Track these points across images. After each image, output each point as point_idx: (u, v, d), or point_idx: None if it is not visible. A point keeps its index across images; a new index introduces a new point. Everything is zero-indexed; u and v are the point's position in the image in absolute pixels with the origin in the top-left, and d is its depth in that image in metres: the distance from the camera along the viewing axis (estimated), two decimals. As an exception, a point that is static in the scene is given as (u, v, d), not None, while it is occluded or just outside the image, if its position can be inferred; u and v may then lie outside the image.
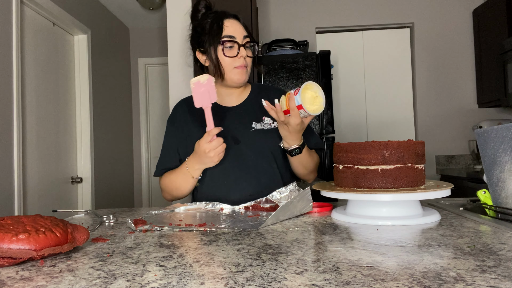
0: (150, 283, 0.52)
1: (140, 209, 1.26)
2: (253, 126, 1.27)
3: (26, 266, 0.62)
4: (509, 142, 0.90)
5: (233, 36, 1.22)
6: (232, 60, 1.23)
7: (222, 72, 1.24)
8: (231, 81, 1.26)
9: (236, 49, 1.22)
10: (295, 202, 0.97)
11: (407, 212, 0.90)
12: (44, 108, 2.66)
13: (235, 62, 1.23)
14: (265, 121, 1.28)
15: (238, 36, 1.23)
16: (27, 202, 2.43)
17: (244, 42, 1.23)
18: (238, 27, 1.24)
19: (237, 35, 1.23)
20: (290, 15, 3.65)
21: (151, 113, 4.47)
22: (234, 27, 1.23)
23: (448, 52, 3.57)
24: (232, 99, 1.33)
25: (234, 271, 0.56)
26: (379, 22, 3.62)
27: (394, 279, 0.51)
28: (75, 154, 3.12)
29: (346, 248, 0.67)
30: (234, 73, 1.24)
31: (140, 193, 4.43)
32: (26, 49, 2.48)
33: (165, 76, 4.34)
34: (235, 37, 1.22)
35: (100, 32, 3.52)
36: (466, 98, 3.55)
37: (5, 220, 0.66)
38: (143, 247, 0.72)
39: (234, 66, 1.23)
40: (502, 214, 0.93)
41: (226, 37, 1.22)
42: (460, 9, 3.57)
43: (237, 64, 1.23)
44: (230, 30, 1.23)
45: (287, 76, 2.73)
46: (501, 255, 0.60)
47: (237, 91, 1.32)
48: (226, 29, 1.23)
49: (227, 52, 1.22)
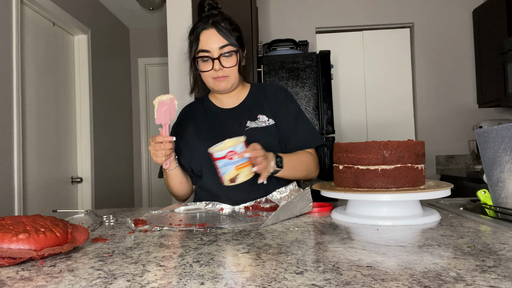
0: (150, 283, 0.52)
1: (140, 209, 1.26)
2: (248, 125, 1.28)
3: (26, 266, 0.62)
4: (509, 142, 0.90)
5: (207, 50, 1.21)
6: (209, 73, 1.24)
7: (205, 83, 1.27)
8: (214, 91, 1.29)
9: (210, 63, 1.22)
10: (295, 202, 0.97)
11: (407, 212, 0.90)
12: (44, 108, 2.66)
13: (212, 74, 1.23)
14: (260, 119, 1.28)
15: (213, 48, 1.21)
16: (27, 202, 2.43)
17: (219, 53, 1.21)
18: (213, 38, 1.21)
19: (212, 47, 1.21)
20: (290, 15, 3.65)
21: (151, 113, 4.47)
22: (209, 39, 1.21)
23: (448, 52, 3.57)
24: (231, 101, 1.34)
25: (234, 271, 0.56)
26: (379, 22, 3.62)
27: (394, 279, 0.51)
28: (75, 154, 3.12)
29: (346, 248, 0.67)
30: (213, 83, 1.25)
31: (140, 193, 4.43)
32: (26, 49, 2.48)
33: (165, 76, 4.34)
34: (209, 51, 1.21)
35: (100, 32, 3.52)
36: (466, 98, 3.55)
37: (5, 220, 0.66)
38: (143, 247, 0.72)
39: (212, 77, 1.24)
40: (502, 214, 0.93)
41: (200, 52, 1.22)
42: (460, 9, 3.57)
43: (214, 75, 1.23)
44: (204, 44, 1.22)
45: (287, 76, 2.73)
46: (501, 255, 0.60)
47: (234, 93, 1.34)
48: (201, 43, 1.22)
49: (202, 66, 1.23)
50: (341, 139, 3.56)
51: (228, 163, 1.01)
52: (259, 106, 1.31)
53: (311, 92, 2.73)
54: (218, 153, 1.01)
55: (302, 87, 2.73)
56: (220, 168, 1.02)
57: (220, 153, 1.01)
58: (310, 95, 2.72)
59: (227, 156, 1.00)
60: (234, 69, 1.24)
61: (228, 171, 1.01)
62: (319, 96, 2.73)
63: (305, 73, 2.73)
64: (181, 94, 2.43)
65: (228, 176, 1.02)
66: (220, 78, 1.23)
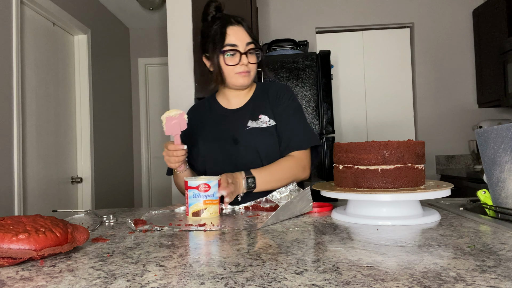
0: (150, 283, 0.52)
1: (140, 209, 1.26)
2: (249, 124, 1.29)
3: (26, 266, 0.62)
4: (509, 142, 0.90)
5: (235, 45, 1.24)
6: (233, 67, 1.26)
7: (224, 79, 1.28)
8: (233, 85, 1.30)
9: (237, 56, 1.25)
10: (295, 202, 0.97)
11: (407, 212, 0.90)
12: (44, 108, 2.66)
13: (236, 69, 1.26)
14: (261, 119, 1.30)
15: (241, 44, 1.25)
16: (27, 202, 2.43)
17: (246, 49, 1.25)
18: (241, 34, 1.26)
19: (240, 42, 1.25)
20: (290, 15, 3.65)
21: (151, 113, 4.47)
22: (237, 34, 1.25)
23: (448, 52, 3.57)
24: (238, 101, 1.36)
25: (234, 271, 0.56)
26: (379, 22, 3.62)
27: (394, 279, 0.51)
28: (75, 154, 3.12)
29: (346, 248, 0.67)
30: (236, 77, 1.27)
31: (140, 193, 4.43)
32: (26, 49, 2.48)
33: (165, 76, 4.34)
34: (237, 45, 1.24)
35: (100, 32, 3.52)
36: (466, 98, 3.55)
37: (5, 220, 0.66)
38: (143, 247, 0.72)
39: (236, 72, 1.26)
40: (502, 214, 0.93)
41: (228, 46, 1.24)
42: (460, 9, 3.57)
43: (239, 70, 1.26)
44: (232, 39, 1.25)
45: (287, 76, 2.73)
46: (501, 255, 0.60)
47: (242, 93, 1.36)
48: (228, 37, 1.25)
49: (228, 60, 1.25)
50: (341, 139, 3.56)
51: (198, 195, 1.01)
52: (261, 106, 1.33)
53: (311, 92, 2.73)
54: (192, 182, 1.02)
55: (302, 87, 2.73)
56: (189, 198, 1.02)
57: (194, 182, 1.01)
58: (310, 95, 2.72)
59: (200, 188, 1.01)
60: (255, 66, 1.29)
61: (196, 203, 1.01)
62: (319, 96, 2.73)
63: (305, 73, 2.73)
64: (181, 94, 2.43)
65: (194, 208, 1.01)
66: (244, 73, 1.26)
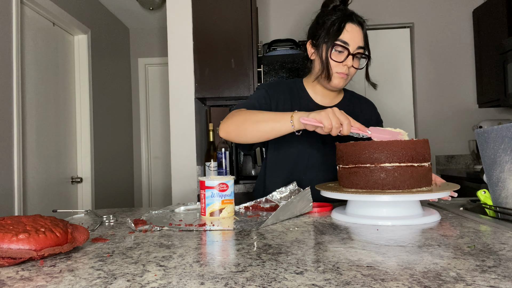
0: (150, 283, 0.52)
1: (140, 209, 1.26)
2: None
3: (26, 266, 0.62)
4: (509, 142, 0.90)
5: (347, 43, 1.20)
6: (336, 65, 1.22)
7: (330, 72, 1.22)
8: (327, 84, 1.27)
9: (344, 55, 1.20)
10: (295, 202, 0.97)
11: (407, 212, 0.90)
12: (44, 108, 2.66)
13: (338, 68, 1.22)
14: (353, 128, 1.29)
15: (353, 44, 1.20)
16: (27, 202, 2.43)
17: (355, 52, 1.21)
18: (357, 35, 1.21)
19: (352, 42, 1.20)
20: (290, 15, 3.65)
21: (151, 113, 4.47)
22: (353, 33, 1.20)
23: (448, 52, 3.57)
24: (326, 100, 1.35)
25: (234, 271, 0.56)
26: (379, 22, 3.62)
27: (394, 279, 0.51)
28: (75, 154, 3.12)
29: (346, 248, 0.67)
30: (334, 77, 1.24)
31: (140, 193, 4.43)
32: (26, 49, 2.48)
33: (165, 76, 4.34)
34: (348, 44, 1.20)
35: (100, 32, 3.52)
36: (466, 98, 3.55)
37: (5, 220, 0.66)
38: (143, 247, 0.72)
39: (336, 71, 1.22)
40: (502, 214, 0.93)
41: (340, 41, 1.20)
42: (460, 9, 3.57)
43: (339, 70, 1.22)
44: (347, 36, 1.20)
45: (287, 76, 2.73)
46: (501, 255, 0.60)
47: (332, 94, 1.34)
48: (344, 33, 1.20)
49: (335, 55, 1.21)
50: (341, 139, 3.56)
51: (216, 195, 1.01)
52: (354, 115, 1.30)
53: (311, 92, 2.72)
54: (210, 182, 1.01)
55: (302, 87, 2.72)
56: (207, 198, 1.01)
57: (212, 182, 1.01)
58: (310, 95, 2.72)
59: (218, 187, 1.01)
60: (355, 72, 1.25)
61: (214, 203, 1.01)
62: (319, 96, 2.72)
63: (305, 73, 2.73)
64: (181, 94, 2.43)
65: (212, 208, 1.01)
66: (343, 75, 1.23)
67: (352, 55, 1.20)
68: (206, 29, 2.44)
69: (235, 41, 2.44)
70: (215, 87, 2.44)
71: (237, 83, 2.44)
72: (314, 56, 1.29)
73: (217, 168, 2.50)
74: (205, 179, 1.02)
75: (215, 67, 2.44)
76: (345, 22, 1.20)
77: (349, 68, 1.22)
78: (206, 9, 2.45)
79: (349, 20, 1.21)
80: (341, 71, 1.22)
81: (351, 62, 1.20)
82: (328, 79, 1.24)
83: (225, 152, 2.49)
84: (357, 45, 1.20)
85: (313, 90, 1.34)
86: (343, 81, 1.24)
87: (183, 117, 2.42)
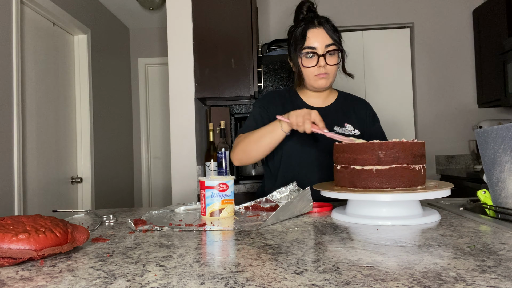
0: (150, 283, 0.52)
1: (140, 209, 1.26)
2: (335, 129, 1.34)
3: (26, 266, 0.62)
4: (509, 142, 0.90)
5: (314, 47, 1.27)
6: (311, 69, 1.29)
7: (303, 80, 1.32)
8: (312, 87, 1.34)
9: (315, 59, 1.28)
10: (295, 202, 0.97)
11: (407, 212, 0.90)
12: (44, 108, 2.66)
13: (315, 71, 1.29)
14: (346, 127, 1.36)
15: (320, 46, 1.27)
16: (27, 202, 2.43)
17: (325, 51, 1.27)
18: (321, 36, 1.27)
19: (319, 45, 1.27)
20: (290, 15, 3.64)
21: (151, 113, 4.47)
22: (317, 37, 1.27)
23: (448, 52, 3.57)
24: (318, 101, 1.40)
25: (234, 271, 0.56)
26: (379, 22, 3.62)
27: (394, 279, 0.51)
28: (75, 154, 3.12)
29: (346, 248, 0.67)
30: (315, 79, 1.31)
31: (140, 193, 4.43)
32: (26, 49, 2.48)
33: (165, 76, 4.34)
34: (315, 48, 1.27)
35: (100, 32, 3.52)
36: (466, 98, 3.55)
37: (5, 220, 0.66)
38: (143, 247, 0.72)
39: (315, 74, 1.29)
40: (502, 214, 0.93)
41: (306, 48, 1.28)
42: (460, 9, 3.57)
43: (317, 72, 1.29)
44: (312, 41, 1.27)
45: (287, 76, 2.73)
46: (501, 255, 0.60)
47: (323, 95, 1.40)
48: (308, 40, 1.28)
49: (306, 62, 1.29)
50: (341, 139, 3.56)
51: (216, 195, 1.01)
52: (347, 115, 1.38)
53: (311, 92, 2.73)
54: (210, 182, 1.01)
55: (302, 87, 2.72)
56: (207, 198, 1.01)
57: (212, 182, 1.01)
58: (310, 95, 2.72)
59: (218, 187, 1.01)
60: (335, 67, 1.31)
61: (214, 203, 1.01)
62: (319, 96, 2.72)
63: (305, 73, 2.73)
64: (181, 94, 2.43)
65: (212, 208, 1.01)
66: (322, 75, 1.29)
67: (323, 55, 1.27)
68: (206, 29, 2.44)
69: (235, 41, 2.44)
70: (215, 87, 2.43)
71: (237, 83, 2.44)
72: (294, 69, 1.36)
73: (217, 168, 2.50)
74: (205, 179, 1.02)
75: (215, 67, 2.43)
76: (306, 29, 1.28)
77: (324, 67, 1.28)
78: (206, 9, 2.45)
79: (310, 26, 1.29)
80: (319, 73, 1.29)
81: (324, 62, 1.27)
82: (304, 84, 1.33)
83: (225, 152, 2.49)
84: (324, 44, 1.27)
85: (305, 94, 1.42)
86: (325, 81, 1.31)
87: (183, 117, 2.42)
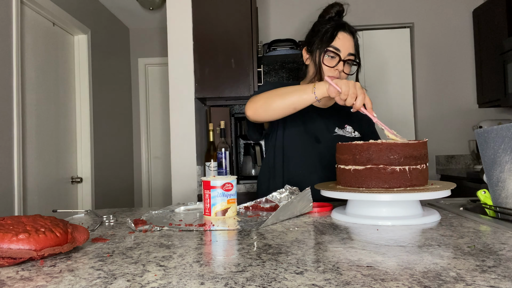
0: (150, 283, 0.52)
1: (140, 209, 1.26)
2: (336, 131, 1.37)
3: (26, 266, 0.62)
4: (509, 142, 0.90)
5: (339, 49, 1.29)
6: (328, 69, 1.31)
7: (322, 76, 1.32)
8: None
9: (336, 61, 1.30)
10: (295, 202, 0.97)
11: (407, 212, 0.90)
12: (44, 108, 2.66)
13: (329, 72, 1.31)
14: (346, 129, 1.39)
15: (344, 51, 1.29)
16: (27, 202, 2.43)
17: (346, 58, 1.30)
18: (348, 42, 1.30)
19: (344, 49, 1.29)
20: (290, 15, 3.65)
21: (151, 113, 4.47)
22: (344, 41, 1.30)
23: (448, 52, 3.57)
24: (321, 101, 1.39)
25: (234, 271, 0.56)
26: (379, 22, 3.62)
27: (394, 279, 0.51)
28: (75, 154, 3.12)
29: (346, 248, 0.67)
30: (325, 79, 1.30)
31: (140, 193, 4.43)
32: (26, 49, 2.48)
33: (165, 76, 4.34)
34: (340, 51, 1.29)
35: (100, 32, 3.52)
36: (466, 98, 3.55)
37: (5, 220, 0.66)
38: (143, 247, 0.72)
39: (328, 75, 1.31)
40: (502, 214, 0.93)
41: (332, 47, 1.29)
42: (460, 9, 3.57)
43: (331, 74, 1.31)
44: (339, 43, 1.29)
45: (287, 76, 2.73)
46: (501, 255, 0.60)
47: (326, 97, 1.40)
48: (337, 41, 1.30)
49: (327, 61, 1.31)
50: (341, 139, 3.56)
51: (222, 194, 1.01)
52: (347, 115, 1.40)
53: (311, 92, 2.72)
54: (215, 182, 1.01)
55: (302, 87, 2.72)
56: (212, 198, 1.01)
57: (217, 182, 1.00)
58: (310, 95, 2.72)
59: (224, 187, 1.01)
60: (346, 77, 1.34)
61: (220, 203, 1.01)
62: (319, 96, 2.72)
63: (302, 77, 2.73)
64: (181, 94, 2.43)
65: (219, 208, 1.01)
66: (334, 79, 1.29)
67: (343, 61, 1.29)
68: (206, 29, 2.44)
69: (235, 41, 2.44)
70: (215, 87, 2.43)
71: (237, 83, 2.44)
72: (308, 61, 1.38)
73: (217, 168, 2.50)
74: (209, 179, 1.02)
75: (215, 67, 2.43)
76: (337, 31, 1.30)
77: (340, 72, 1.30)
78: (206, 9, 2.45)
79: (342, 29, 1.31)
80: (333, 75, 1.30)
81: (342, 67, 1.30)
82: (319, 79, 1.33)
83: (225, 152, 2.49)
84: (348, 51, 1.30)
85: None
86: None
87: (183, 117, 2.42)
